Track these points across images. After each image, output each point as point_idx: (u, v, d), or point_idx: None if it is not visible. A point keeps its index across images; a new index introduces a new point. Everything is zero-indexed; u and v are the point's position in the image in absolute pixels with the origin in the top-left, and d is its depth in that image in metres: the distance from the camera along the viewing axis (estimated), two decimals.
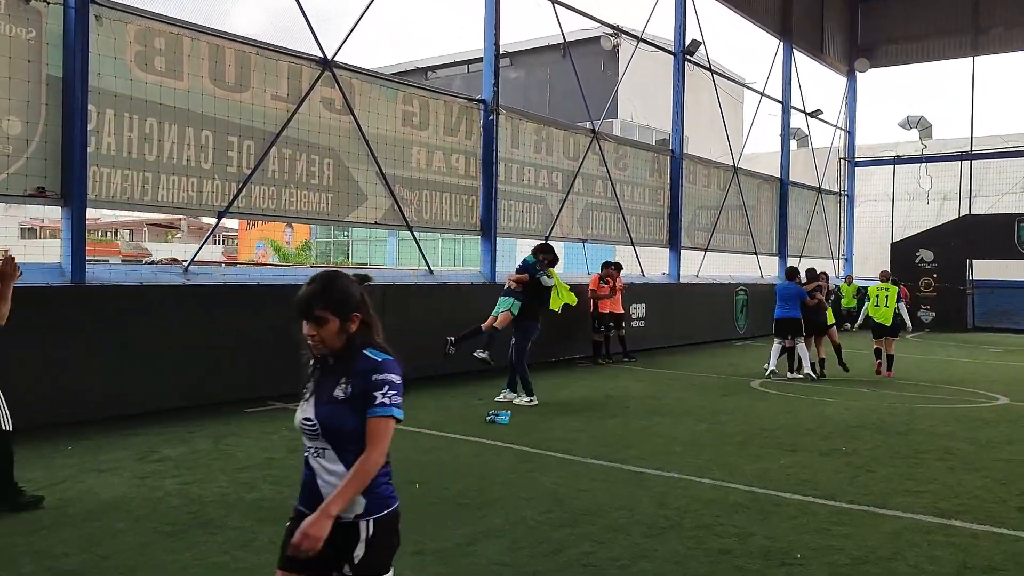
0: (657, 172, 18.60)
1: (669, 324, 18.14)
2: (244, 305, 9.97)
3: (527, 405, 10.37)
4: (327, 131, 11.31)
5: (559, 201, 15.63)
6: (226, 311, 9.78)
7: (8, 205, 43.54)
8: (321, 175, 11.28)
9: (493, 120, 13.78)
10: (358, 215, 11.83)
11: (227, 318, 9.76)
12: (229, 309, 9.82)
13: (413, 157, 12.60)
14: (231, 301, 9.90)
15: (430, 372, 12.18)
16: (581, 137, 16.21)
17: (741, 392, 11.96)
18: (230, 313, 9.80)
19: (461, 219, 13.52)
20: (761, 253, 23.06)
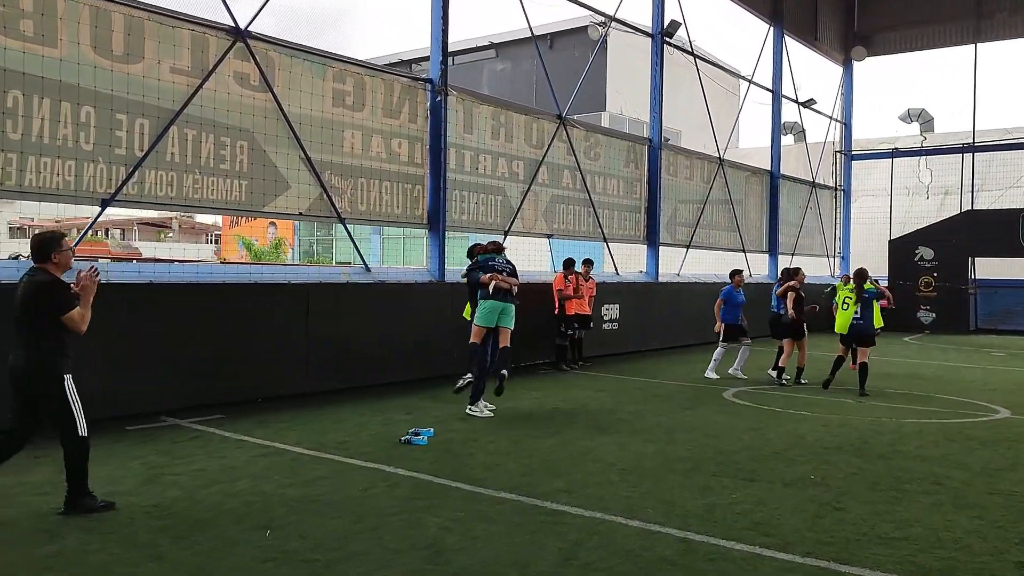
0: (633, 163, 17.28)
1: (645, 326, 16.84)
2: (133, 304, 8.71)
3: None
4: (241, 110, 10.03)
5: (521, 192, 14.33)
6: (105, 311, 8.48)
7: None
8: (233, 159, 10.00)
9: (441, 102, 12.48)
10: (279, 205, 10.53)
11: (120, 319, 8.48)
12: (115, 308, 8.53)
13: (346, 141, 11.31)
14: (115, 300, 8.62)
15: (358, 382, 10.91)
16: (546, 123, 14.91)
17: (709, 403, 10.65)
18: (119, 314, 8.52)
19: (404, 210, 12.23)
20: (750, 251, 21.74)
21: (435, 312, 12.10)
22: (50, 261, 5.46)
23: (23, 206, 41.96)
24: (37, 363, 5.35)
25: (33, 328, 5.36)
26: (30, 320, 5.36)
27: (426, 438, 8.03)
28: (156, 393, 8.94)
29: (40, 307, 5.35)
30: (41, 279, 5.40)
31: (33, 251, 5.52)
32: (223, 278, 9.86)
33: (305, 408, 9.62)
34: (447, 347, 11.95)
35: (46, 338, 5.36)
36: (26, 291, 5.39)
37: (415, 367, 11.74)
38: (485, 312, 9.63)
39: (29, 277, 5.45)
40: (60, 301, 5.36)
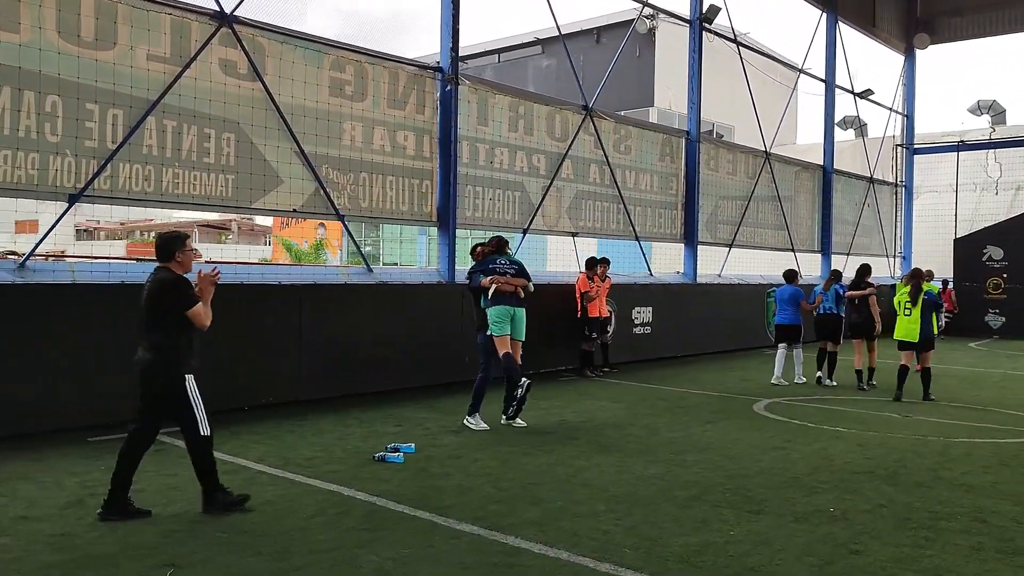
0: (669, 156, 16.28)
1: (681, 330, 15.83)
2: (108, 305, 8.15)
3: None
4: (226, 100, 9.42)
5: (542, 188, 13.49)
6: (66, 316, 7.94)
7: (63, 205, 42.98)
8: (218, 153, 9.39)
9: (451, 91, 11.72)
10: (270, 201, 9.90)
11: (67, 325, 7.93)
12: (70, 313, 7.98)
13: (345, 133, 10.63)
14: (75, 303, 8.08)
15: (354, 390, 10.22)
16: (570, 114, 14.04)
17: (734, 417, 9.66)
18: (71, 318, 7.96)
19: (411, 207, 11.50)
20: (800, 250, 20.50)
21: (443, 315, 11.35)
22: (174, 260, 5.59)
23: (88, 209, 42.63)
24: (162, 361, 5.45)
25: (159, 326, 5.47)
26: (155, 318, 5.47)
27: (403, 455, 7.27)
28: (124, 400, 8.33)
29: (165, 304, 5.47)
30: (165, 277, 5.52)
31: (158, 250, 5.65)
32: None
33: (288, 418, 8.95)
34: (454, 353, 11.19)
35: (170, 337, 5.47)
36: (152, 289, 5.51)
37: (418, 374, 11.01)
38: (497, 320, 8.69)
39: (154, 275, 5.58)
40: (185, 297, 5.47)
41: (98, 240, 55.23)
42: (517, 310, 8.80)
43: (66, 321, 7.93)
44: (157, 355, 5.44)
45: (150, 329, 5.49)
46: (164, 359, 5.45)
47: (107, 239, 54.46)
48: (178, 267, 5.61)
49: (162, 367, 5.45)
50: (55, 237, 8.91)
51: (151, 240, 55.80)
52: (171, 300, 5.48)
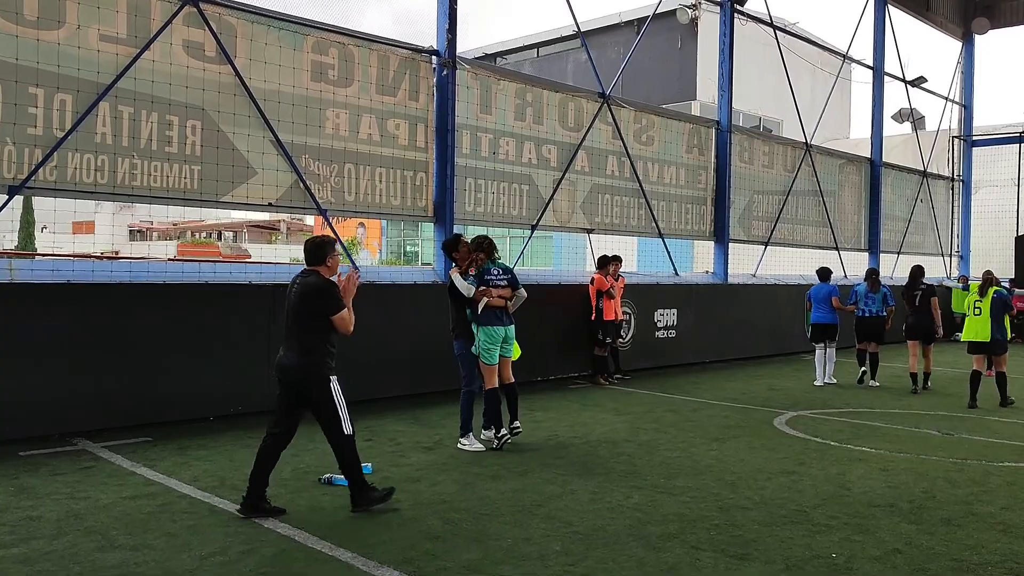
0: (697, 148, 15.21)
1: (709, 335, 14.75)
2: (53, 307, 7.50)
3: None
4: (192, 84, 8.71)
5: (553, 181, 12.57)
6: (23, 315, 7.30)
7: (120, 206, 42.83)
8: (183, 142, 8.69)
9: (448, 76, 10.88)
10: (240, 195, 9.17)
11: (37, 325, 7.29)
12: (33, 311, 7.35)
13: (328, 122, 9.86)
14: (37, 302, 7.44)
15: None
16: (585, 102, 13.09)
17: (749, 432, 8.63)
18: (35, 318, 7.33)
19: (404, 201, 10.68)
20: (845, 248, 19.20)
21: (437, 318, 10.46)
22: (323, 264, 5.69)
23: (143, 209, 42.74)
24: (309, 363, 5.55)
25: (306, 329, 5.56)
26: (303, 321, 5.57)
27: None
28: (73, 411, 7.69)
29: (314, 308, 5.55)
30: (314, 281, 5.61)
31: (308, 255, 5.76)
32: (164, 278, 8.54)
33: (251, 430, 8.18)
34: (450, 359, 10.32)
35: (317, 339, 5.57)
36: (301, 292, 5.61)
37: (409, 381, 10.20)
38: (489, 345, 7.66)
39: (303, 279, 5.67)
40: (334, 301, 5.55)
41: (151, 240, 55.83)
42: (509, 329, 7.82)
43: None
44: (306, 357, 5.54)
45: (299, 332, 5.58)
46: (313, 361, 5.54)
47: (160, 239, 55.02)
48: (326, 271, 5.70)
49: (311, 369, 5.54)
50: (110, 238, 8.46)
51: (201, 240, 56.24)
52: (319, 304, 5.54)
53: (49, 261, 8.99)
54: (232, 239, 64.59)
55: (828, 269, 13.72)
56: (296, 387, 5.61)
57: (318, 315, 5.56)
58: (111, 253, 31.82)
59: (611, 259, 12.44)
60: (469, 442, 7.77)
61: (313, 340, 5.57)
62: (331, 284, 5.63)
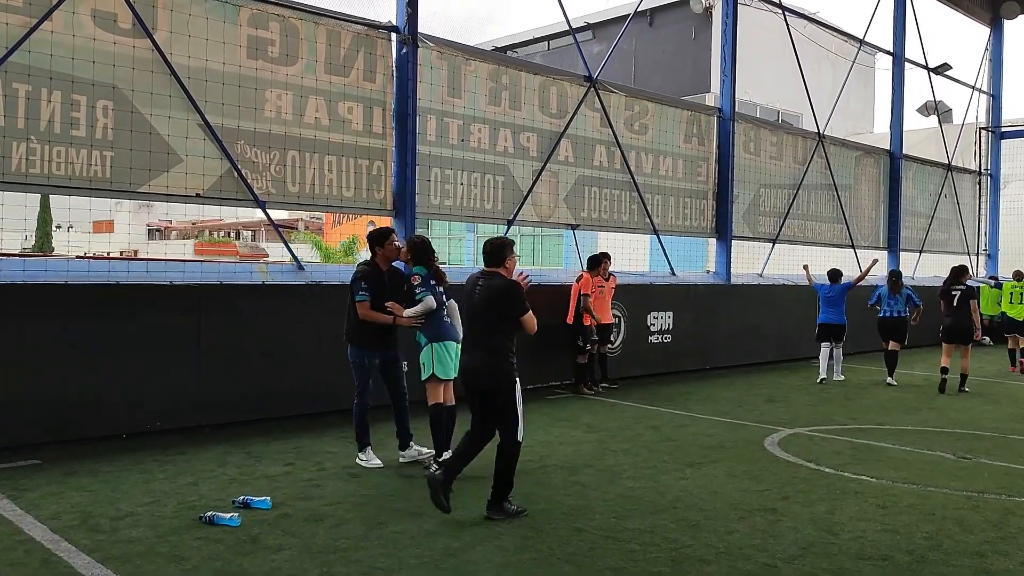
0: (696, 138, 14.05)
1: (708, 340, 13.61)
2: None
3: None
4: (99, 59, 7.73)
5: (533, 172, 11.49)
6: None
7: (139, 205, 42.30)
8: (91, 124, 7.72)
9: (408, 55, 9.84)
10: (162, 184, 8.18)
11: None
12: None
13: (268, 104, 8.86)
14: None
15: (270, 413, 8.46)
16: (569, 86, 11.99)
17: (733, 456, 7.50)
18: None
19: (359, 192, 9.65)
20: (862, 246, 17.92)
21: None
22: (503, 265, 5.63)
23: (161, 208, 41.95)
24: (497, 365, 5.50)
25: (493, 330, 5.54)
26: (490, 322, 5.53)
27: (239, 517, 5.41)
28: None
29: (501, 309, 5.52)
30: (500, 283, 5.57)
31: (489, 256, 5.68)
32: (69, 277, 7.56)
33: (159, 451, 7.20)
34: (410, 368, 9.32)
35: (504, 340, 5.54)
36: (487, 294, 5.55)
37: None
38: (444, 360, 6.72)
39: (486, 281, 5.61)
40: (521, 303, 5.51)
41: (169, 240, 55.39)
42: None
43: None
44: (494, 359, 5.50)
45: (487, 334, 5.54)
46: (501, 363, 5.51)
47: (178, 238, 54.56)
48: (506, 272, 5.64)
49: (499, 370, 5.50)
50: (128, 237, 7.70)
51: (220, 240, 55.69)
52: (509, 305, 5.52)
53: None
54: (251, 238, 64.12)
55: (839, 271, 13.14)
56: (482, 389, 5.56)
57: (505, 316, 5.53)
58: (130, 252, 31.10)
59: (603, 257, 11.40)
60: (367, 457, 6.90)
61: (500, 342, 5.53)
62: (517, 285, 5.58)
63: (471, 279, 5.75)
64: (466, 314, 5.73)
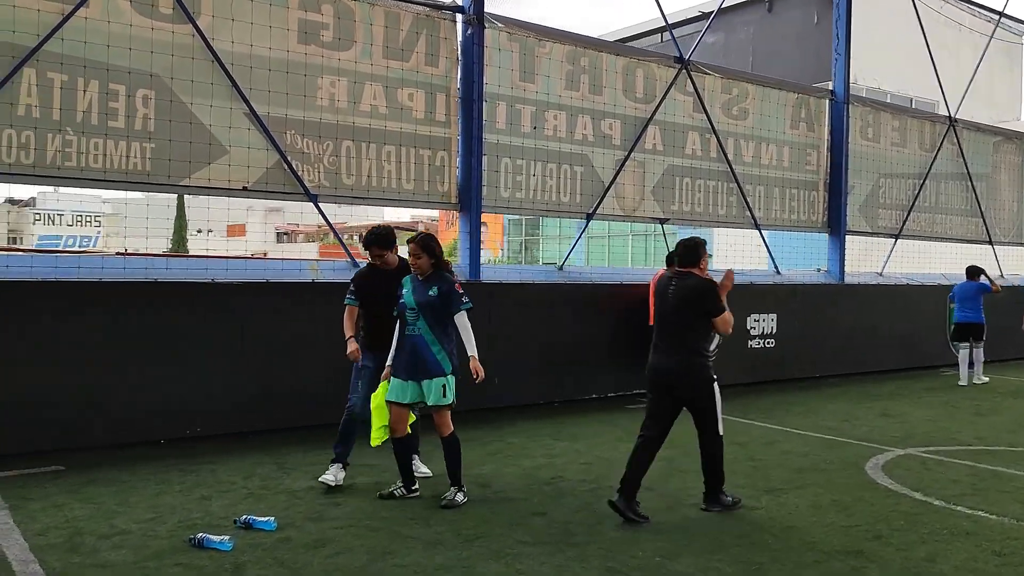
0: (805, 123, 12.79)
1: (818, 345, 12.32)
2: None
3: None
4: (141, 47, 7.40)
5: (616, 162, 10.61)
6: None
7: (269, 209, 43.44)
8: (131, 115, 7.39)
9: (473, 37, 9.18)
10: (203, 177, 7.80)
11: None
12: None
13: (321, 91, 8.37)
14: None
15: (323, 419, 7.94)
16: (657, 68, 11.04)
17: (825, 482, 6.43)
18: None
19: (421, 185, 9.04)
20: (1001, 242, 16.08)
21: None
22: (697, 265, 5.61)
23: (290, 213, 43.35)
24: (693, 365, 5.50)
25: (689, 330, 5.51)
26: (685, 322, 5.51)
27: (231, 541, 4.84)
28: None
29: (697, 308, 5.49)
30: (699, 282, 5.55)
31: (683, 256, 5.67)
32: (104, 275, 7.25)
33: (184, 459, 6.78)
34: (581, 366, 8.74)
35: (700, 340, 5.53)
36: (681, 294, 5.53)
37: None
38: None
39: (680, 281, 5.59)
40: (717, 302, 5.48)
41: (295, 242, 57.14)
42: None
43: None
44: (692, 359, 5.49)
45: (681, 333, 5.52)
46: (699, 363, 5.51)
47: (304, 241, 56.21)
48: (699, 272, 5.61)
49: (696, 371, 5.50)
50: (263, 238, 7.86)
51: (346, 242, 57.01)
52: (705, 304, 5.49)
53: None
54: None
55: (978, 267, 12.22)
56: (676, 389, 5.54)
57: (701, 316, 5.50)
58: (260, 255, 31.99)
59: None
60: (333, 475, 6.08)
61: (697, 341, 5.52)
62: (713, 284, 5.56)
63: (663, 279, 5.74)
64: (659, 314, 5.68)
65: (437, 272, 5.71)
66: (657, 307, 5.72)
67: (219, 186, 7.87)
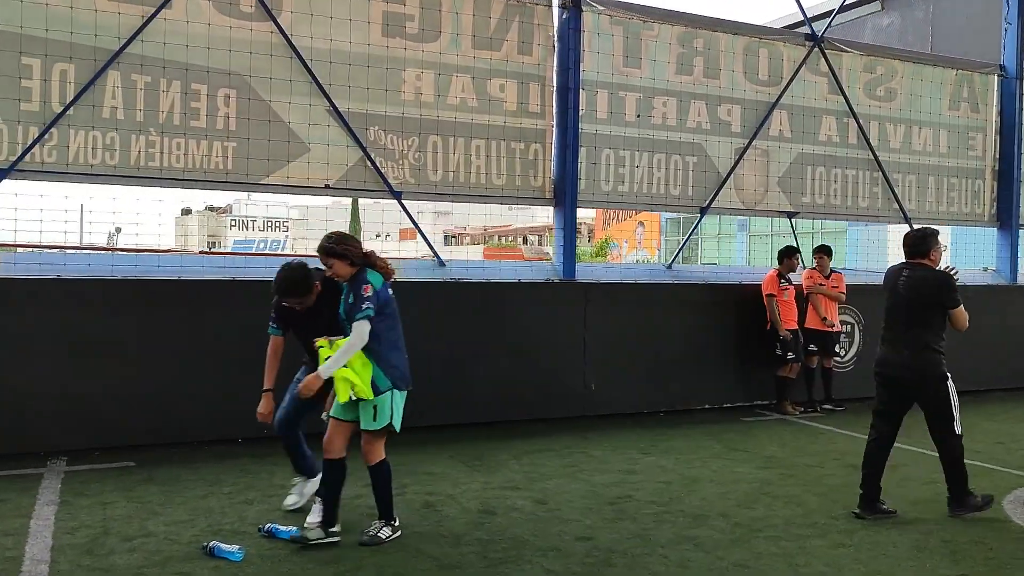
0: (967, 103, 11.30)
1: (985, 353, 10.80)
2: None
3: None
4: (220, 46, 7.41)
5: (735, 151, 9.75)
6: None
7: (438, 214, 45.14)
8: (212, 114, 7.42)
9: (570, 21, 8.65)
10: (289, 175, 7.72)
11: None
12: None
13: (407, 85, 8.11)
14: None
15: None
16: (784, 47, 10.05)
17: (934, 517, 5.45)
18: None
19: (512, 180, 8.60)
20: None
21: (558, 325, 8.42)
22: (927, 257, 5.49)
23: (456, 216, 44.51)
24: (927, 361, 5.35)
25: (922, 325, 5.37)
26: (918, 315, 5.38)
27: (240, 552, 4.59)
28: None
29: (930, 301, 5.37)
30: (928, 273, 5.42)
31: (912, 247, 5.54)
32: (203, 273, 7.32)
33: (249, 460, 6.67)
34: (570, 377, 8.24)
35: (934, 335, 5.36)
36: (913, 286, 5.41)
37: (512, 407, 8.20)
38: (402, 404, 4.95)
39: (911, 272, 5.45)
40: (953, 295, 5.34)
41: (463, 244, 58.51)
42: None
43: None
44: (924, 354, 5.33)
45: (913, 327, 5.37)
46: (932, 359, 5.34)
47: (471, 244, 57.45)
48: (931, 263, 5.48)
49: (930, 367, 5.34)
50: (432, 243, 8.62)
51: (508, 244, 57.77)
52: (940, 297, 5.34)
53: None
54: (537, 242, 65.79)
55: None
56: (907, 385, 5.40)
57: (935, 309, 5.35)
58: (429, 258, 32.91)
59: (820, 250, 9.55)
60: (294, 495, 5.49)
61: (930, 336, 5.34)
62: (949, 276, 5.40)
63: (893, 271, 5.58)
64: (888, 307, 5.52)
65: (357, 274, 4.79)
66: (888, 300, 5.53)
67: (302, 184, 7.77)
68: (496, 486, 6.04)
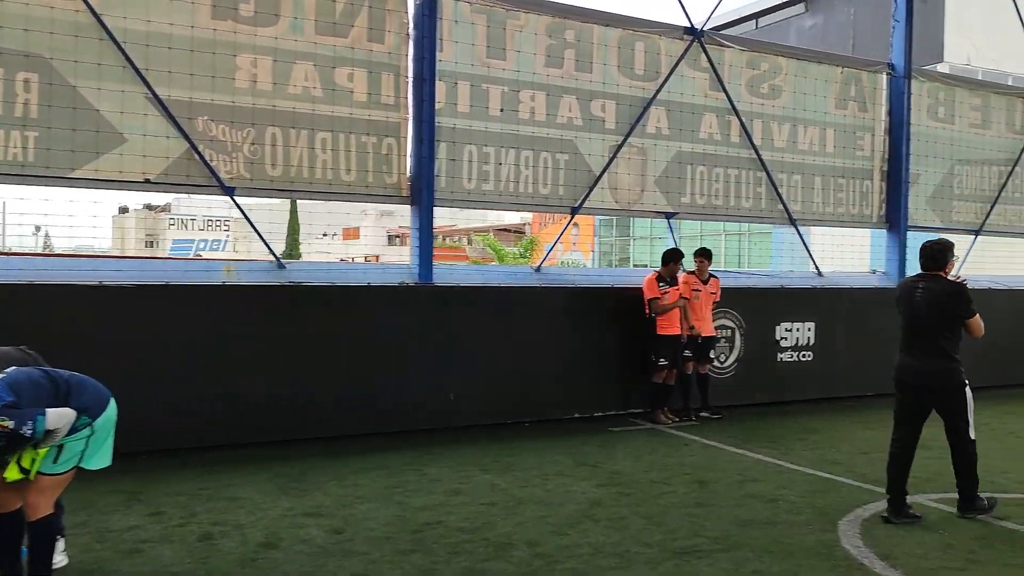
0: (855, 102, 11.04)
1: (868, 359, 10.53)
2: None
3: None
4: (18, 25, 6.71)
5: (609, 148, 9.31)
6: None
7: (381, 213, 44.01)
8: (10, 101, 6.71)
9: (426, 7, 8.11)
10: (101, 169, 7.04)
11: None
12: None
13: (240, 72, 7.49)
14: None
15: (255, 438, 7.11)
16: (661, 41, 9.64)
17: (759, 543, 5.03)
18: None
19: (364, 176, 8.03)
20: None
21: (408, 331, 7.86)
22: (943, 269, 5.65)
23: (400, 216, 43.69)
24: (947, 369, 5.52)
25: (942, 334, 5.54)
26: (936, 325, 5.55)
27: None
28: None
29: (948, 312, 5.54)
30: (946, 285, 5.59)
31: (929, 259, 5.67)
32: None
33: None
34: (437, 388, 7.75)
35: (953, 344, 5.55)
36: (931, 298, 5.56)
37: (351, 420, 7.63)
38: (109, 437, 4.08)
39: (927, 284, 5.62)
40: (969, 305, 5.53)
41: (406, 245, 57.59)
42: None
43: None
44: (944, 363, 5.51)
45: (934, 337, 5.54)
46: (952, 368, 5.52)
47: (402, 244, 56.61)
48: (945, 276, 5.65)
49: (950, 375, 5.52)
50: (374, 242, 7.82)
51: (453, 245, 57.10)
52: (958, 307, 5.53)
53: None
54: (481, 243, 65.17)
55: None
56: (927, 392, 5.59)
57: (952, 319, 5.55)
58: (372, 258, 32.08)
59: (698, 255, 9.18)
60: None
61: (950, 345, 5.53)
62: (964, 287, 5.60)
63: (907, 285, 5.76)
64: (906, 318, 5.69)
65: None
66: (904, 312, 5.69)
67: (118, 178, 7.09)
68: (298, 512, 5.46)
